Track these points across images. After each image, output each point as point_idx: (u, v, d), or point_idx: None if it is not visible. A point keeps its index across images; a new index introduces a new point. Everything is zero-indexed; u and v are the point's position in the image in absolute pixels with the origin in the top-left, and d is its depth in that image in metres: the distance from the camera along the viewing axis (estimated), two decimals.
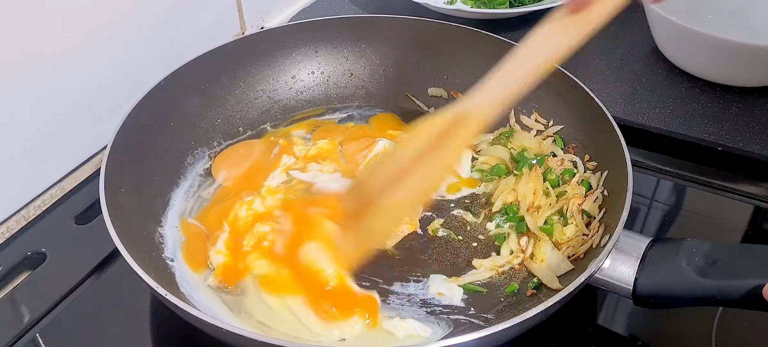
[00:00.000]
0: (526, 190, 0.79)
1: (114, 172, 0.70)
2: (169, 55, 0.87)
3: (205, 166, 0.86)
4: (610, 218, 0.70)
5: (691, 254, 0.61)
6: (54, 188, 0.85)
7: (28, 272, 0.76)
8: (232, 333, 0.56)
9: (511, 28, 1.13)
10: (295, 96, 0.97)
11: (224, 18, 1.08)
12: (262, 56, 0.95)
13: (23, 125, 0.79)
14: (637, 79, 1.03)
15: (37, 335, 0.68)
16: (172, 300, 0.58)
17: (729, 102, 0.97)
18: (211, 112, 0.90)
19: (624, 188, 0.69)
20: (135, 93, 0.79)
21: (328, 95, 0.98)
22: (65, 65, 0.82)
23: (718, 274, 0.59)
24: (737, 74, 0.98)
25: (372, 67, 0.99)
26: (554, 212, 0.77)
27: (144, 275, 0.59)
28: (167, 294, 0.58)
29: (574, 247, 0.72)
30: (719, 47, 0.94)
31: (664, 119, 0.94)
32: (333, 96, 0.98)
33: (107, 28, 0.86)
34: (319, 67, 0.98)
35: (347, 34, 0.98)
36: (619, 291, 0.64)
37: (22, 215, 0.81)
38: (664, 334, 0.71)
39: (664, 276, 0.62)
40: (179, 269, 0.72)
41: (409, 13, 1.03)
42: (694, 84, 1.01)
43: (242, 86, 0.93)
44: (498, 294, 0.71)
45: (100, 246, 0.75)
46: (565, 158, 0.82)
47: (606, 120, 0.78)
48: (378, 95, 0.98)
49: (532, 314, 0.57)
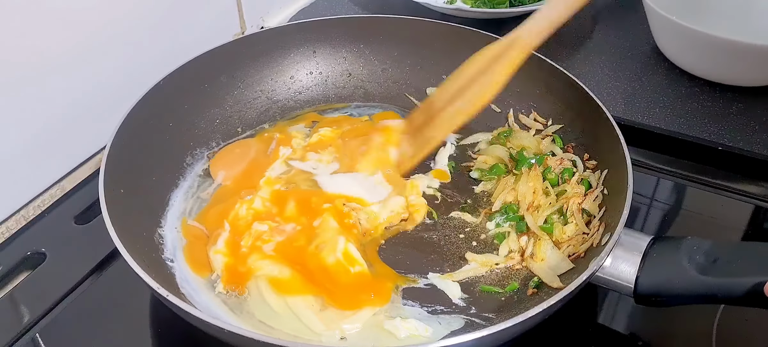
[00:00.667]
0: (525, 189, 0.79)
1: (113, 172, 0.70)
2: (169, 55, 0.87)
3: (204, 166, 0.86)
4: (611, 216, 0.71)
5: (693, 253, 0.61)
6: (54, 187, 0.85)
7: (28, 272, 0.76)
8: (233, 333, 0.56)
9: (512, 28, 1.13)
10: (294, 96, 0.97)
11: (224, 18, 1.08)
12: (260, 57, 0.95)
13: (23, 125, 0.79)
14: (637, 78, 1.03)
15: (37, 335, 0.68)
16: (173, 302, 0.58)
17: (729, 101, 0.97)
18: (210, 112, 0.90)
19: (624, 186, 0.69)
20: (135, 93, 0.79)
21: (327, 95, 0.98)
22: (65, 65, 0.81)
23: (719, 272, 0.59)
24: (737, 74, 0.98)
25: (370, 67, 0.99)
26: (554, 212, 0.77)
27: (145, 276, 0.59)
28: (168, 294, 0.58)
29: (574, 246, 0.72)
30: (719, 47, 0.94)
31: (664, 118, 0.94)
32: (331, 96, 0.98)
33: (108, 28, 0.86)
34: (317, 68, 0.98)
35: (345, 35, 0.98)
36: (621, 289, 0.64)
37: (22, 215, 0.81)
38: (664, 333, 0.71)
39: (666, 274, 0.62)
40: (180, 269, 0.71)
41: (409, 13, 1.03)
42: (694, 83, 1.01)
43: (241, 87, 0.93)
44: (498, 294, 0.71)
45: (100, 246, 0.75)
46: (564, 157, 0.82)
47: (605, 119, 0.78)
48: (377, 94, 0.98)
49: (533, 313, 0.57)
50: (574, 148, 0.84)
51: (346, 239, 0.72)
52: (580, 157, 0.82)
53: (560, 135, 0.87)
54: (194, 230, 0.77)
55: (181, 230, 0.76)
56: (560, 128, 0.87)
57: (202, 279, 0.71)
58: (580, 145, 0.84)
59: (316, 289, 0.69)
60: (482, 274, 0.73)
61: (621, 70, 1.05)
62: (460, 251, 0.76)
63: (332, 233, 0.74)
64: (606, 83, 1.02)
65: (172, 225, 0.77)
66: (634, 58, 1.08)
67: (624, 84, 1.02)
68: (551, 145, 0.85)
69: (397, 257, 0.75)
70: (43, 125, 0.81)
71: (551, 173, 0.80)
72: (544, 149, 0.85)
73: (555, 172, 0.80)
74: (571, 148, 0.84)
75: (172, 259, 0.72)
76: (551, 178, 0.80)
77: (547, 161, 0.82)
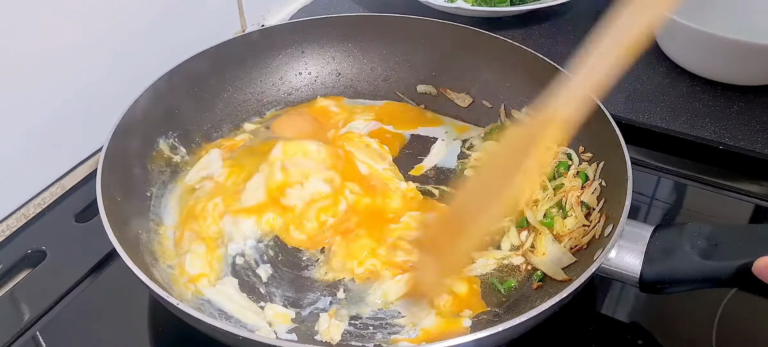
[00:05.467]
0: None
1: (110, 173, 0.70)
2: (169, 54, 0.86)
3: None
4: (611, 207, 0.71)
5: (694, 238, 0.62)
6: (54, 185, 0.84)
7: (28, 270, 0.76)
8: (235, 334, 0.56)
9: (512, 26, 1.13)
10: (284, 97, 0.96)
11: (224, 16, 1.08)
12: (249, 58, 0.94)
13: (23, 123, 0.79)
14: (637, 77, 1.02)
15: (37, 333, 0.68)
16: (177, 306, 0.58)
17: (730, 101, 0.97)
18: (200, 115, 0.89)
19: (623, 177, 0.69)
20: (134, 91, 0.79)
21: (316, 96, 0.98)
22: (64, 62, 0.81)
23: (720, 255, 0.60)
24: (739, 73, 0.97)
25: (359, 65, 0.99)
26: (553, 205, 0.77)
27: (145, 278, 0.59)
28: (169, 297, 0.58)
29: (575, 239, 0.72)
30: (721, 46, 0.94)
31: (664, 117, 0.94)
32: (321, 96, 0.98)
33: (108, 25, 0.86)
34: (306, 68, 0.98)
35: (334, 34, 0.97)
36: (626, 279, 0.64)
37: (22, 213, 0.81)
38: (666, 322, 0.71)
39: (669, 261, 0.62)
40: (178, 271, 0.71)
41: (410, 11, 1.03)
42: (695, 82, 1.01)
43: (230, 89, 0.93)
44: (507, 288, 0.71)
45: (101, 244, 0.74)
46: (558, 151, 0.82)
47: (598, 111, 0.77)
48: (367, 93, 0.98)
49: (545, 307, 0.57)
50: (568, 141, 0.83)
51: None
52: (575, 150, 0.82)
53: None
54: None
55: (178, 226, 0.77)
56: None
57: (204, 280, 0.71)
58: (575, 137, 0.82)
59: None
60: (488, 271, 0.73)
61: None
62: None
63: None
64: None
65: (172, 224, 0.77)
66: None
67: (624, 83, 1.01)
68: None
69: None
70: (43, 123, 0.81)
71: (547, 167, 0.80)
72: None
73: (551, 166, 0.80)
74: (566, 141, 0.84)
75: (170, 264, 0.72)
76: (547, 172, 0.80)
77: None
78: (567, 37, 1.11)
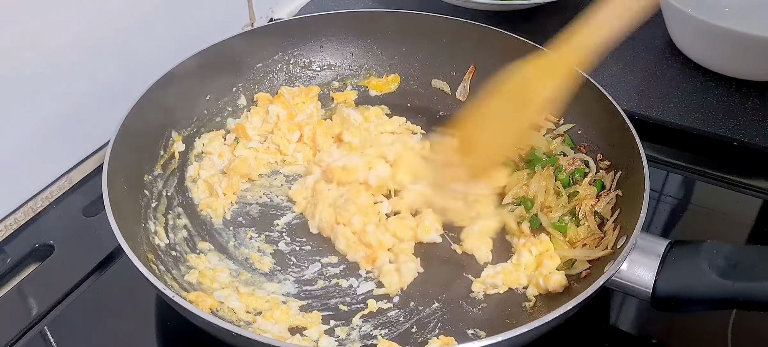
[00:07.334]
0: (537, 189, 0.78)
1: (116, 169, 0.70)
2: (178, 46, 0.86)
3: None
4: (626, 219, 0.69)
5: (713, 256, 0.60)
6: (62, 179, 0.84)
7: (36, 264, 0.76)
8: (238, 335, 0.56)
9: (523, 20, 1.12)
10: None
11: (233, 9, 1.08)
12: (265, 51, 0.94)
13: (31, 117, 0.79)
14: (650, 73, 1.02)
15: (45, 327, 0.68)
16: (179, 302, 0.58)
17: (745, 96, 0.96)
18: (207, 108, 0.89)
19: (640, 189, 0.67)
20: (142, 84, 0.79)
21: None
22: (73, 56, 0.81)
23: (740, 276, 0.58)
24: (754, 68, 0.96)
25: (379, 61, 0.98)
26: (566, 213, 0.75)
27: (151, 277, 0.60)
28: (174, 295, 0.58)
29: (588, 247, 0.71)
30: (735, 40, 0.93)
31: (678, 113, 0.93)
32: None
33: (117, 19, 0.85)
34: (325, 61, 0.97)
35: (353, 29, 0.97)
36: (638, 293, 0.62)
37: (30, 206, 0.81)
38: (678, 335, 0.70)
39: (685, 278, 0.60)
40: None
41: (420, 6, 1.02)
42: (709, 78, 0.99)
43: (245, 81, 0.92)
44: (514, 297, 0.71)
45: (109, 238, 0.73)
46: (576, 157, 0.81)
47: (619, 119, 0.76)
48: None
49: (549, 318, 0.56)
50: (587, 148, 0.83)
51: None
52: (593, 157, 0.81)
53: (570, 135, 0.85)
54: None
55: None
56: (571, 128, 0.85)
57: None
58: (594, 145, 0.82)
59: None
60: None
61: (634, 64, 1.04)
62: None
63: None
64: (619, 77, 1.00)
65: (178, 217, 0.77)
66: (648, 52, 1.06)
67: (637, 78, 1.00)
68: (562, 145, 0.84)
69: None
70: (51, 117, 0.81)
71: (562, 173, 0.79)
72: (555, 150, 0.83)
73: (566, 172, 0.79)
74: (584, 148, 0.83)
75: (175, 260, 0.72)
76: (562, 178, 0.78)
77: (558, 160, 0.81)
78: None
